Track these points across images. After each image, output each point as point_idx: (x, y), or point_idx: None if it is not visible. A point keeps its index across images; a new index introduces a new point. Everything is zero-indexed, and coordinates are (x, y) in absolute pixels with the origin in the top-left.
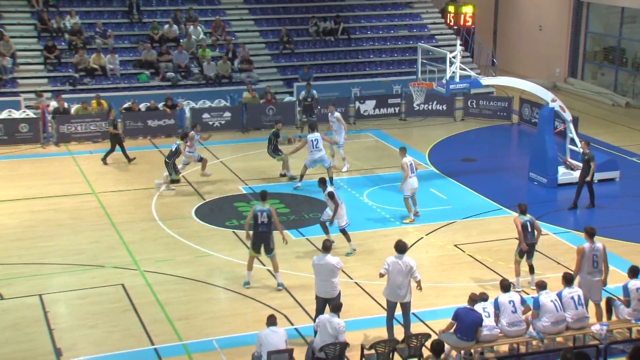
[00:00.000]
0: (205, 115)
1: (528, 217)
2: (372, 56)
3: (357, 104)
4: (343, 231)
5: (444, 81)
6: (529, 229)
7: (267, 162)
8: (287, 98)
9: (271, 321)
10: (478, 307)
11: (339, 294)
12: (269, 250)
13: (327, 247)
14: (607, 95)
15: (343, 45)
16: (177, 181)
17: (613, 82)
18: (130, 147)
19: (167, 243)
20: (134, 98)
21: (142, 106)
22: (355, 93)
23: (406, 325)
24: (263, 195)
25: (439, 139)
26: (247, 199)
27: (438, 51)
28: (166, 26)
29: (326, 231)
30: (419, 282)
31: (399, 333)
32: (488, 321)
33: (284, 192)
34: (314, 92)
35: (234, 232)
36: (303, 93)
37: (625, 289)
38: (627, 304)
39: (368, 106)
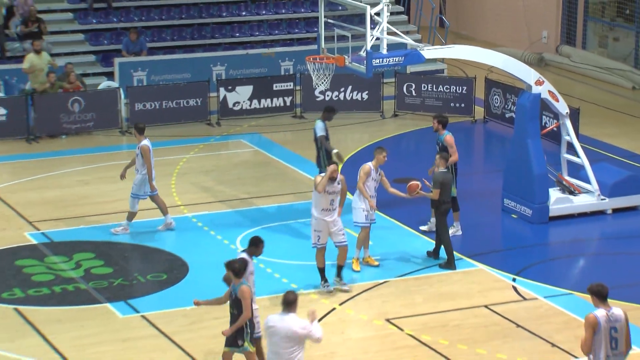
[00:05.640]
0: None
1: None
2: (245, 13)
3: (222, 91)
4: None
5: (362, 53)
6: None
7: (71, 189)
8: (105, 84)
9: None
10: None
11: None
12: None
13: (289, 303)
14: (625, 73)
15: None
16: None
17: (633, 52)
18: None
19: None
20: None
21: None
22: (219, 74)
23: None
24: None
25: (358, 148)
26: (39, 253)
27: (352, 4)
28: None
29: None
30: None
31: None
32: None
33: (102, 239)
34: None
35: (16, 309)
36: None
37: None
38: None
39: (241, 95)
